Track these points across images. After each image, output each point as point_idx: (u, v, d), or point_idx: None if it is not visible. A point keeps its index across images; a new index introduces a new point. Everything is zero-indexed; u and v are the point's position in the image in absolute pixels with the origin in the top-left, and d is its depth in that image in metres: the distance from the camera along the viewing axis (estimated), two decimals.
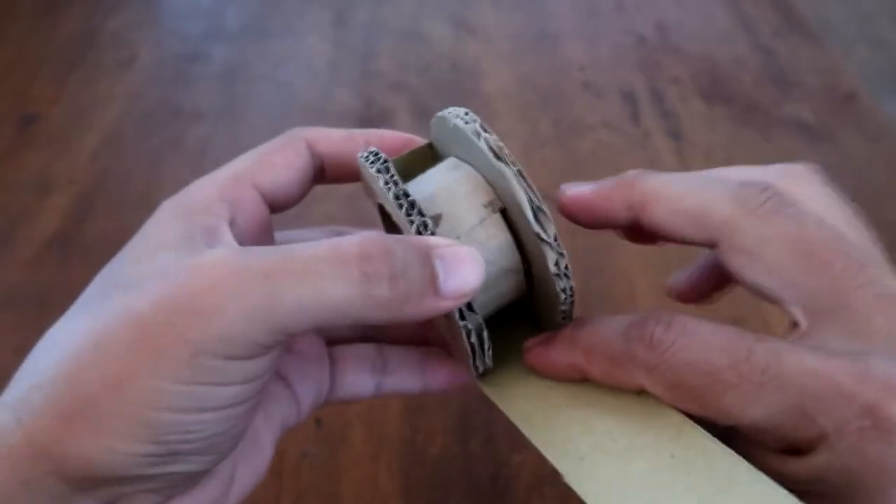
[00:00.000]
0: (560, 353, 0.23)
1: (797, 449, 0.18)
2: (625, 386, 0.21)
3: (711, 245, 0.22)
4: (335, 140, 0.24)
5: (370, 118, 0.59)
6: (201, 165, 0.53)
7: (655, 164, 0.54)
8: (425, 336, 0.28)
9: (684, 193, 0.23)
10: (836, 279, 0.19)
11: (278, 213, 0.24)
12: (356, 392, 0.26)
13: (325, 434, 0.39)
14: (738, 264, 0.21)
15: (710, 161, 0.55)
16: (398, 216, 0.21)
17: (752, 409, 0.18)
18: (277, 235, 0.25)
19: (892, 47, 1.32)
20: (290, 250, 0.19)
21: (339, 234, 0.27)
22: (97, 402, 0.18)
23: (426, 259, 0.19)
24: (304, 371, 0.25)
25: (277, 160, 0.23)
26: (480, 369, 0.24)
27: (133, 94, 0.62)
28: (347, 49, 0.66)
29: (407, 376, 0.27)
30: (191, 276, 0.19)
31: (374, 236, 0.19)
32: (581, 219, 0.25)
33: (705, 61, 0.64)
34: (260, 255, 0.19)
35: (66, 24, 0.70)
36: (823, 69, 0.63)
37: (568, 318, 0.24)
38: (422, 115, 0.58)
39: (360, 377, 0.26)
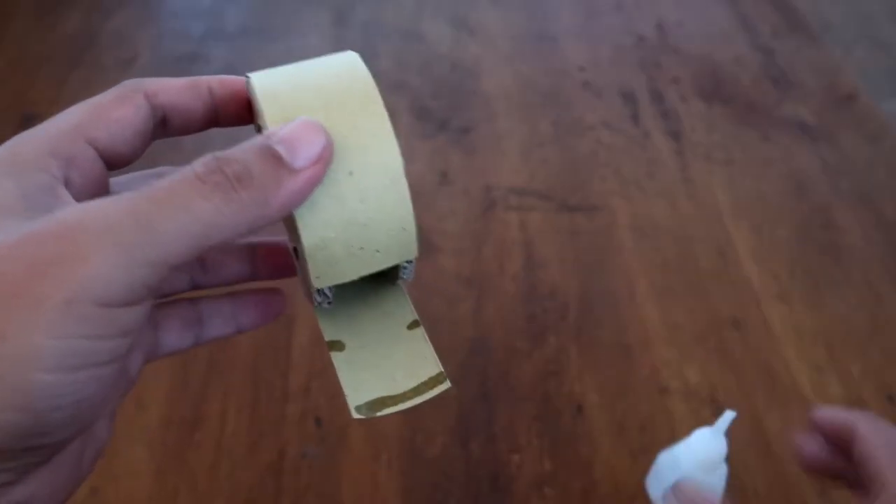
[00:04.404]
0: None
1: None
2: None
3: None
4: (177, 90, 0.24)
5: None
6: None
7: (655, 164, 0.54)
8: (252, 275, 0.29)
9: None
10: None
11: (116, 169, 0.23)
12: (177, 347, 0.27)
13: (325, 434, 0.39)
14: None
15: (710, 161, 0.55)
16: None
17: None
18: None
19: (892, 47, 1.32)
20: (145, 188, 0.19)
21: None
22: None
23: (264, 149, 0.20)
24: (135, 341, 0.26)
25: (115, 114, 0.22)
26: (318, 298, 0.24)
27: None
28: (347, 49, 0.66)
29: (221, 322, 0.27)
30: (56, 227, 0.18)
31: (210, 154, 0.20)
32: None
33: (705, 61, 0.64)
34: (119, 198, 0.18)
35: (66, 24, 0.70)
36: (823, 69, 0.63)
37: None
38: (422, 115, 0.58)
39: (180, 334, 0.27)
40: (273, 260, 0.28)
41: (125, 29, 0.70)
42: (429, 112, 0.59)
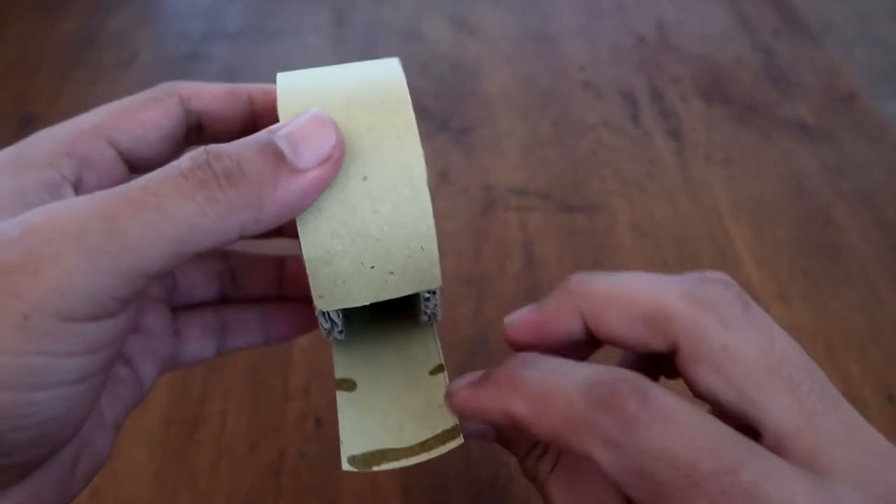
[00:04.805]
0: (495, 397, 0.19)
1: None
2: (572, 451, 0.18)
3: (670, 352, 0.20)
4: (214, 96, 0.22)
5: None
6: None
7: (655, 164, 0.54)
8: (280, 291, 0.27)
9: (638, 297, 0.20)
10: (802, 402, 0.18)
11: (141, 174, 0.21)
12: (199, 357, 0.26)
13: (324, 434, 0.39)
14: (697, 373, 0.19)
15: (710, 161, 0.55)
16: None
17: None
18: None
19: (892, 47, 1.32)
20: (123, 185, 0.17)
21: None
22: None
23: (264, 144, 0.18)
24: (149, 349, 0.24)
25: (141, 116, 0.21)
26: (325, 325, 0.22)
27: (133, 94, 0.62)
28: (347, 49, 0.66)
29: (247, 332, 0.26)
30: (16, 231, 0.16)
31: (202, 147, 0.18)
32: (537, 345, 0.22)
33: (705, 61, 0.64)
34: (92, 197, 0.17)
35: (66, 24, 0.70)
36: (823, 69, 0.63)
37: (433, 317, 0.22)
38: (422, 115, 0.58)
39: (202, 342, 0.25)
40: (301, 279, 0.26)
41: (125, 29, 0.70)
42: (429, 112, 0.59)
